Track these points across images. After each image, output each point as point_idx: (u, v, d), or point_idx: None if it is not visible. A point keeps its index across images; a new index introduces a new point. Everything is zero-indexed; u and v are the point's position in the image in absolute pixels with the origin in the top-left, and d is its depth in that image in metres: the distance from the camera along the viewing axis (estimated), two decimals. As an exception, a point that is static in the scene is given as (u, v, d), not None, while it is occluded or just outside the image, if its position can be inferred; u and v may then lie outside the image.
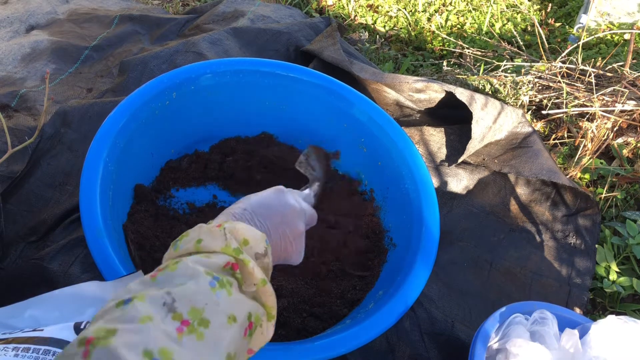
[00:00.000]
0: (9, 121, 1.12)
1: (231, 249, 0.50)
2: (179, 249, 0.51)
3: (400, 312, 0.76)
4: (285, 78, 1.02)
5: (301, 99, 1.04)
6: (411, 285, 0.79)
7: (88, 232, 0.72)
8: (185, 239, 0.52)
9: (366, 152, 1.03)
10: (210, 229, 0.52)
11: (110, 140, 0.82)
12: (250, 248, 0.52)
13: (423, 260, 0.82)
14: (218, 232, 0.51)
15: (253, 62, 1.01)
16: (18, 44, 1.34)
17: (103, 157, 0.80)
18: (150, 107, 0.91)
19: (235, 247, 0.50)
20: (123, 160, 0.85)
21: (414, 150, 0.96)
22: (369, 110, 1.00)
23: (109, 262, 0.70)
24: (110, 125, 0.84)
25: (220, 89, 1.00)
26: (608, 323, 0.77)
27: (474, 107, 1.15)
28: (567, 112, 1.32)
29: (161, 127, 0.95)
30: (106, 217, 0.76)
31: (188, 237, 0.52)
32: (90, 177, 0.77)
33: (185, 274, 0.45)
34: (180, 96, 0.95)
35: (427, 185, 0.91)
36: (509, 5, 1.84)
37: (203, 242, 0.50)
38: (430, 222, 0.87)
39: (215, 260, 0.48)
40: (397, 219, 0.96)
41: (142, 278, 0.45)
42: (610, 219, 1.18)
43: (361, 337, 0.73)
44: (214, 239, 0.50)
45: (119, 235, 0.81)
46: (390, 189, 0.99)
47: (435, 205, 0.90)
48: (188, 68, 0.96)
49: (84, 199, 0.75)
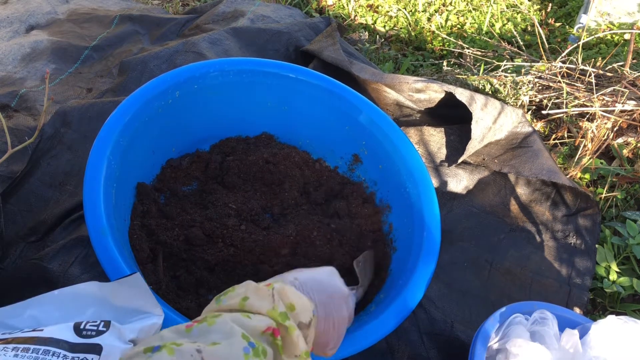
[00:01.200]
0: (9, 121, 1.12)
1: (277, 312, 0.47)
2: (222, 303, 0.49)
3: (402, 316, 0.76)
4: (288, 79, 1.02)
5: (303, 100, 1.04)
6: (413, 289, 0.79)
7: (92, 231, 0.71)
8: (230, 294, 0.49)
9: (367, 155, 1.03)
10: (259, 287, 0.50)
11: (114, 138, 0.82)
12: (296, 315, 0.50)
13: (424, 264, 0.82)
14: (266, 292, 0.49)
15: (256, 63, 1.01)
16: (18, 44, 1.34)
17: (106, 155, 0.79)
18: (153, 105, 0.90)
19: (282, 312, 0.48)
20: (126, 158, 0.85)
21: (414, 153, 0.96)
22: (371, 113, 1.00)
23: (113, 261, 0.70)
24: (114, 123, 0.84)
25: (223, 89, 1.00)
26: (608, 323, 0.77)
27: (474, 107, 1.15)
28: (567, 112, 1.32)
29: (163, 125, 0.95)
30: (110, 215, 0.75)
31: (234, 292, 0.50)
32: (94, 175, 0.77)
33: (222, 331, 0.43)
34: (183, 95, 0.95)
35: (428, 189, 0.91)
36: (509, 5, 1.84)
37: (249, 300, 0.48)
38: (431, 225, 0.87)
39: (255, 324, 0.45)
40: (398, 223, 0.96)
41: (177, 327, 0.43)
42: (610, 219, 1.18)
43: (364, 341, 0.73)
44: (260, 299, 0.48)
45: (122, 234, 0.81)
46: (391, 192, 0.99)
47: (436, 209, 0.89)
48: (191, 67, 0.96)
49: (88, 198, 0.74)
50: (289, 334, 0.47)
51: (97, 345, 0.50)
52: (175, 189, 0.98)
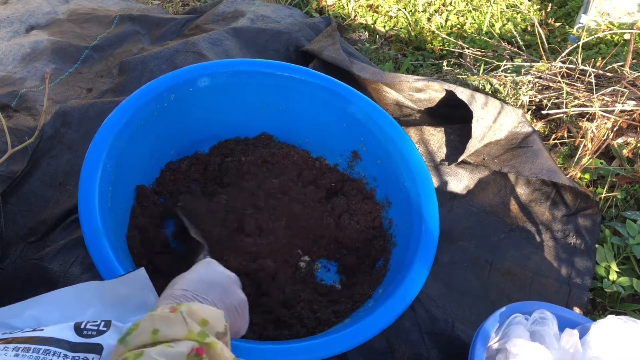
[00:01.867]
0: (9, 121, 1.12)
1: (195, 333, 0.46)
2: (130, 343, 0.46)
3: (399, 311, 0.76)
4: (284, 78, 1.02)
5: (300, 98, 1.04)
6: (410, 284, 0.79)
7: (86, 232, 0.72)
8: (135, 332, 0.46)
9: (366, 151, 1.03)
10: (165, 315, 0.47)
11: (109, 142, 0.83)
12: (212, 327, 0.49)
13: (422, 259, 0.83)
14: (175, 318, 0.47)
15: (251, 63, 1.01)
16: (18, 44, 1.34)
17: (102, 159, 0.80)
18: (148, 109, 0.91)
19: (200, 331, 0.47)
20: (122, 162, 0.85)
21: (412, 148, 0.96)
22: (367, 108, 1.00)
23: (106, 261, 0.70)
24: (109, 127, 0.84)
25: (219, 91, 1.00)
26: (608, 323, 0.77)
27: (474, 106, 1.15)
28: (567, 112, 1.32)
29: (160, 129, 0.95)
30: (105, 217, 0.76)
31: (138, 329, 0.47)
32: (89, 178, 0.78)
33: None
34: (179, 98, 0.95)
35: (426, 184, 0.91)
36: (509, 5, 1.84)
37: (160, 332, 0.46)
38: (429, 221, 0.87)
39: (179, 350, 0.44)
40: (398, 218, 0.96)
41: None
42: (610, 219, 1.18)
43: (360, 336, 0.73)
44: (171, 326, 0.46)
45: (118, 237, 0.81)
46: (390, 187, 0.99)
47: (435, 204, 0.89)
48: (186, 70, 0.96)
49: (82, 200, 0.75)
50: (214, 348, 0.46)
51: (98, 345, 0.50)
52: (174, 192, 0.98)
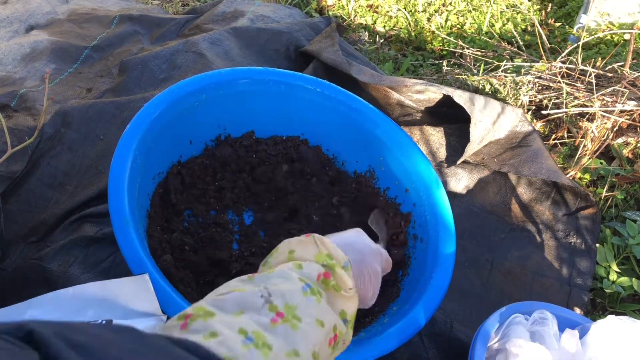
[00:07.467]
0: (9, 121, 1.12)
1: (323, 255, 0.52)
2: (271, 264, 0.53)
3: (410, 333, 0.76)
4: (314, 93, 1.02)
5: (325, 113, 1.05)
6: (424, 306, 0.79)
7: (115, 220, 0.72)
8: (275, 254, 0.54)
9: (384, 171, 1.03)
10: (300, 239, 0.54)
11: (141, 134, 0.83)
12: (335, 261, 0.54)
13: (438, 281, 0.82)
14: (309, 241, 0.54)
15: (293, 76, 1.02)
16: (18, 44, 1.34)
17: (133, 148, 0.81)
18: (181, 105, 0.91)
19: (327, 253, 0.52)
20: (150, 154, 0.86)
21: (432, 175, 0.96)
22: (385, 127, 1.01)
23: (134, 250, 0.70)
24: (142, 118, 0.85)
25: (251, 96, 1.01)
26: (608, 323, 0.77)
27: (473, 109, 1.15)
28: (567, 112, 1.32)
29: (187, 124, 0.96)
30: (133, 207, 0.76)
31: (277, 251, 0.54)
32: (121, 164, 0.78)
33: (281, 276, 0.48)
34: (210, 99, 0.95)
35: (444, 214, 0.91)
36: (509, 5, 1.84)
37: (295, 252, 0.53)
38: (446, 238, 0.88)
39: (308, 272, 0.50)
40: (414, 239, 0.96)
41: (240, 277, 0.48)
42: (610, 219, 1.18)
43: (368, 355, 0.72)
44: (305, 248, 0.53)
45: (139, 228, 0.81)
46: (406, 205, 0.99)
47: (451, 228, 0.89)
48: (226, 72, 0.97)
49: (113, 186, 0.76)
50: (336, 271, 0.51)
51: (98, 345, 0.50)
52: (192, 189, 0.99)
